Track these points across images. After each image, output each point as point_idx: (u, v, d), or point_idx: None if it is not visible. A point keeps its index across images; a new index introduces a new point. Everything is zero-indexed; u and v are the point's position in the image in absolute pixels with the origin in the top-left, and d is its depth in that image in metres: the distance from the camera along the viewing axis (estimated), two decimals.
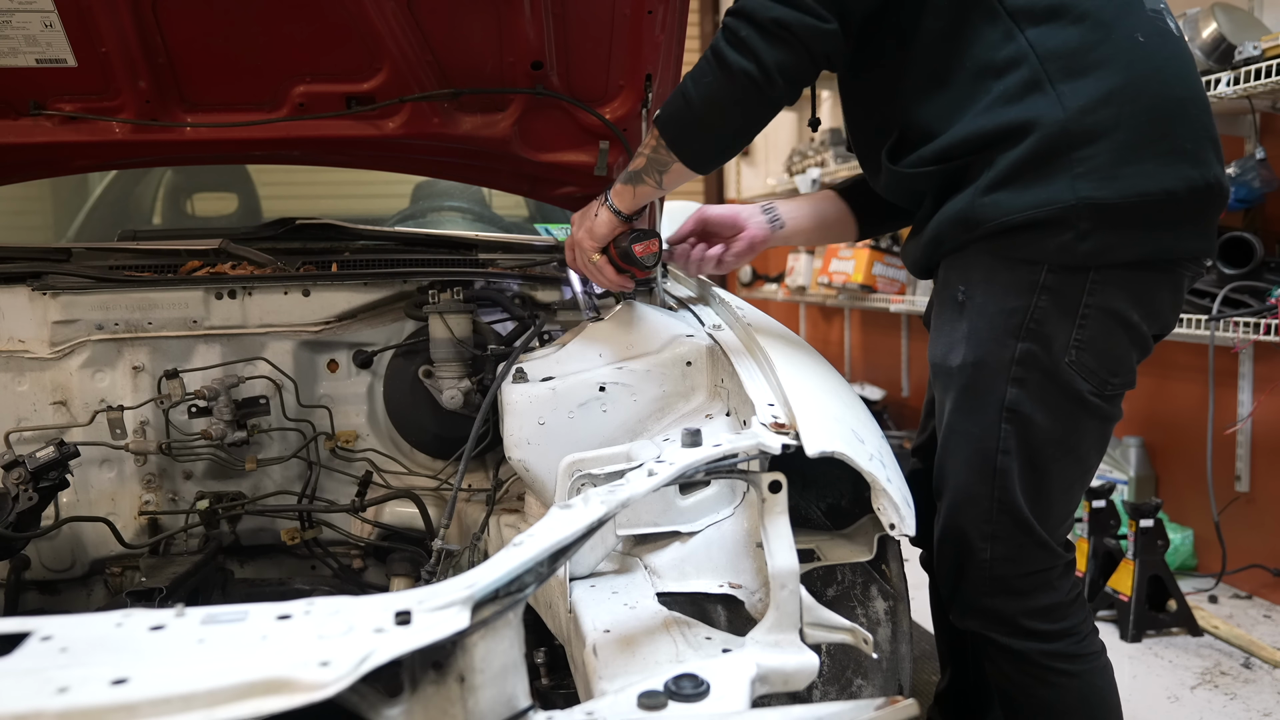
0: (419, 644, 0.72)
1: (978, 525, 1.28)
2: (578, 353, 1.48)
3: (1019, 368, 1.23)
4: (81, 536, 1.71)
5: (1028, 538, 1.28)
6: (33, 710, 0.63)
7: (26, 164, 1.86)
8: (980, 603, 1.32)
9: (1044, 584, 1.30)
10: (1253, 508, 2.87)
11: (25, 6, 1.49)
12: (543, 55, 1.61)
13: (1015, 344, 1.23)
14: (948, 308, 1.31)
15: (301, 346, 1.76)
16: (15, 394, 1.70)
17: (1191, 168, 1.20)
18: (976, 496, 1.28)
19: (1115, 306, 1.22)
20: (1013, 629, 1.31)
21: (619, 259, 1.43)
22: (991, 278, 1.25)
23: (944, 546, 1.34)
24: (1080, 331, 1.22)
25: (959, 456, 1.29)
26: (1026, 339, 1.22)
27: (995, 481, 1.26)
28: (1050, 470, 1.27)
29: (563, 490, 1.20)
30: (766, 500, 1.03)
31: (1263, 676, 2.35)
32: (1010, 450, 1.25)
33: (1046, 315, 1.22)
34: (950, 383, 1.30)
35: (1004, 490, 1.26)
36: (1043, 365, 1.23)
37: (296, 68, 1.65)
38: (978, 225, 1.24)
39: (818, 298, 4.98)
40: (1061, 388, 1.23)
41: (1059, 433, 1.25)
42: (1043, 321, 1.22)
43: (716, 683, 0.87)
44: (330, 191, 3.18)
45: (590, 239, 1.42)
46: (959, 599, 1.34)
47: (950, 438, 1.31)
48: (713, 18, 6.94)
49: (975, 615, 1.34)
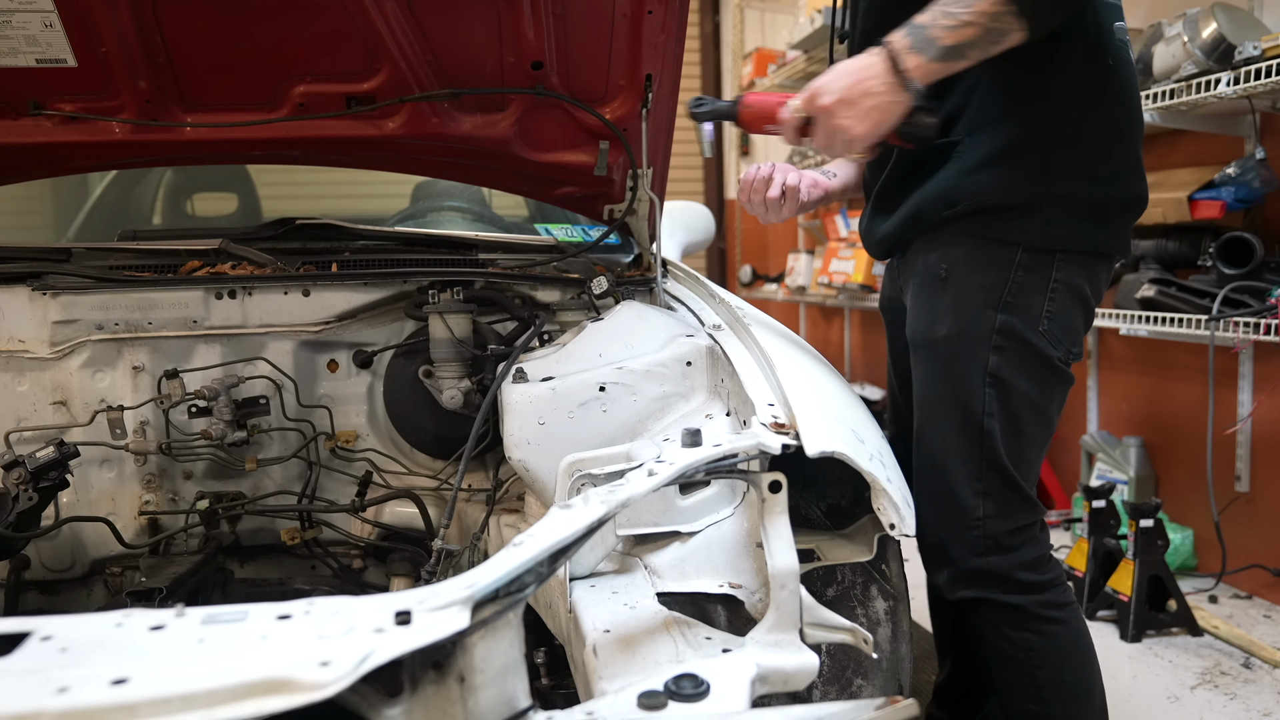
0: (419, 644, 0.72)
1: (969, 484, 1.35)
2: (578, 353, 1.48)
3: (999, 336, 1.33)
4: (81, 536, 1.71)
5: (1014, 494, 1.36)
6: (33, 710, 0.63)
7: (26, 164, 1.86)
8: (973, 564, 1.36)
9: (1031, 538, 1.38)
10: (1253, 508, 2.87)
11: (25, 6, 1.49)
12: (543, 55, 1.61)
13: (995, 315, 1.33)
14: (928, 285, 1.40)
15: (301, 346, 1.75)
16: (15, 394, 1.70)
17: (1140, 182, 1.39)
18: (967, 456, 1.35)
19: (1076, 283, 1.36)
20: (1008, 585, 1.36)
21: (897, 134, 1.29)
22: (972, 256, 1.36)
23: (933, 514, 1.37)
24: (1050, 304, 1.34)
25: (947, 421, 1.37)
26: (1005, 310, 1.33)
27: (984, 441, 1.34)
28: (1026, 432, 1.37)
29: (563, 490, 1.20)
30: (766, 500, 1.03)
31: (1263, 676, 2.35)
32: (994, 413, 1.34)
33: (1021, 289, 1.33)
34: (934, 354, 1.39)
35: (991, 450, 1.34)
36: (1019, 334, 1.33)
37: (296, 68, 1.65)
38: (958, 203, 1.35)
39: (818, 298, 4.98)
40: (1036, 355, 1.34)
41: (1034, 396, 1.36)
42: (1018, 295, 1.33)
43: (716, 683, 0.88)
44: (330, 191, 3.18)
45: (872, 126, 1.24)
46: (953, 567, 1.38)
47: (935, 405, 1.39)
48: (713, 18, 6.93)
49: (971, 579, 1.37)
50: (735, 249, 6.69)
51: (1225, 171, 2.67)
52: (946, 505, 1.37)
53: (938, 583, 1.42)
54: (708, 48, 7.02)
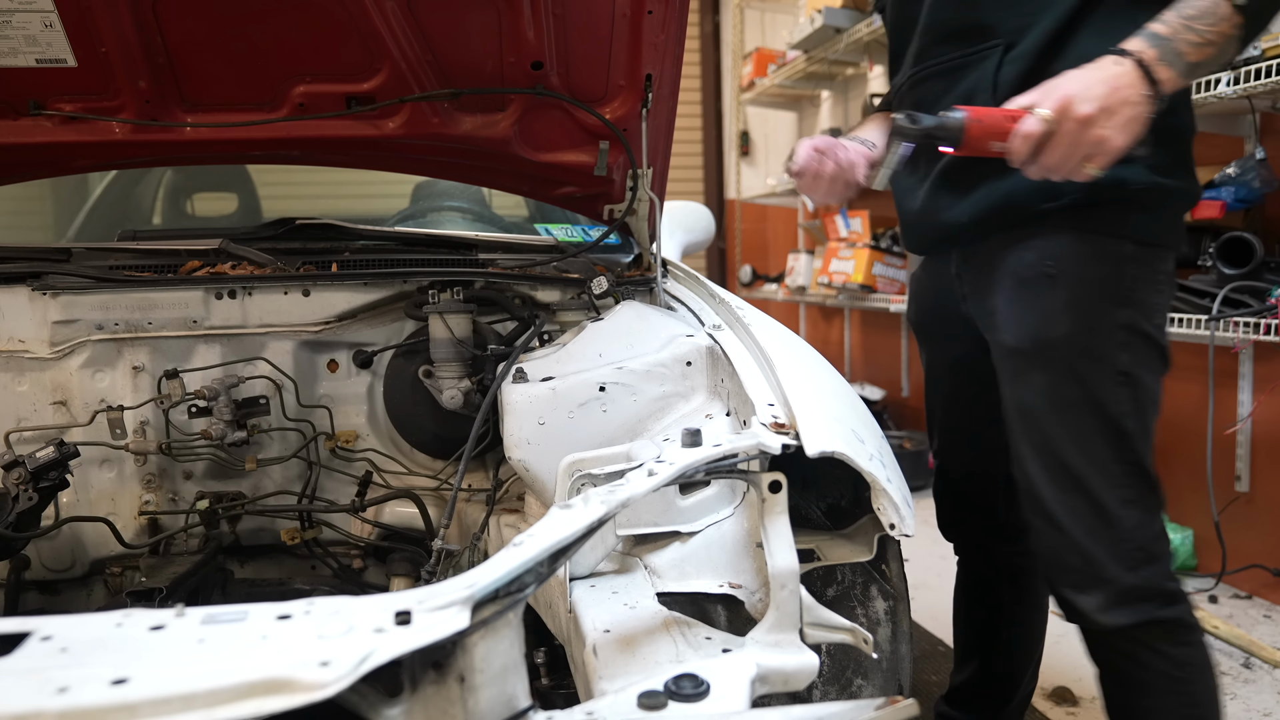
0: (419, 644, 0.72)
1: (1115, 491, 1.28)
2: (578, 353, 1.48)
3: (1125, 332, 1.28)
4: (81, 536, 1.71)
5: (1155, 495, 1.31)
6: (33, 710, 0.63)
7: (26, 164, 1.86)
8: (1129, 580, 1.27)
9: (1167, 544, 1.32)
10: (1253, 508, 2.87)
11: (25, 6, 1.49)
12: (543, 55, 1.61)
13: (1119, 310, 1.28)
14: (1030, 284, 1.32)
15: (301, 346, 1.76)
16: (15, 394, 1.70)
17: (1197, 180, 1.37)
18: (1107, 462, 1.28)
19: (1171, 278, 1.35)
20: (1164, 597, 1.28)
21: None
22: (1080, 251, 1.30)
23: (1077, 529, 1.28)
24: (1158, 297, 1.31)
25: (1080, 427, 1.29)
26: (1128, 305, 1.29)
27: (1124, 444, 1.28)
28: (1150, 428, 1.32)
29: (563, 490, 1.20)
30: (766, 500, 1.03)
31: (1263, 676, 2.34)
32: (1130, 412, 1.28)
33: (1137, 283, 1.29)
34: (1054, 356, 1.30)
35: (1133, 452, 1.29)
36: (1143, 330, 1.29)
37: (296, 68, 1.65)
38: (1063, 195, 1.28)
39: (818, 298, 4.98)
40: (1157, 349, 1.31)
41: (1157, 392, 1.32)
42: (1134, 289, 1.29)
43: (716, 683, 0.88)
44: (330, 191, 3.18)
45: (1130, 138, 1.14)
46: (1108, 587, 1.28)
47: (1062, 412, 1.30)
48: (713, 18, 6.93)
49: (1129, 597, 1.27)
50: (735, 249, 6.69)
51: (1225, 171, 2.67)
52: (1094, 518, 1.27)
53: (1084, 608, 1.30)
54: (708, 48, 7.02)
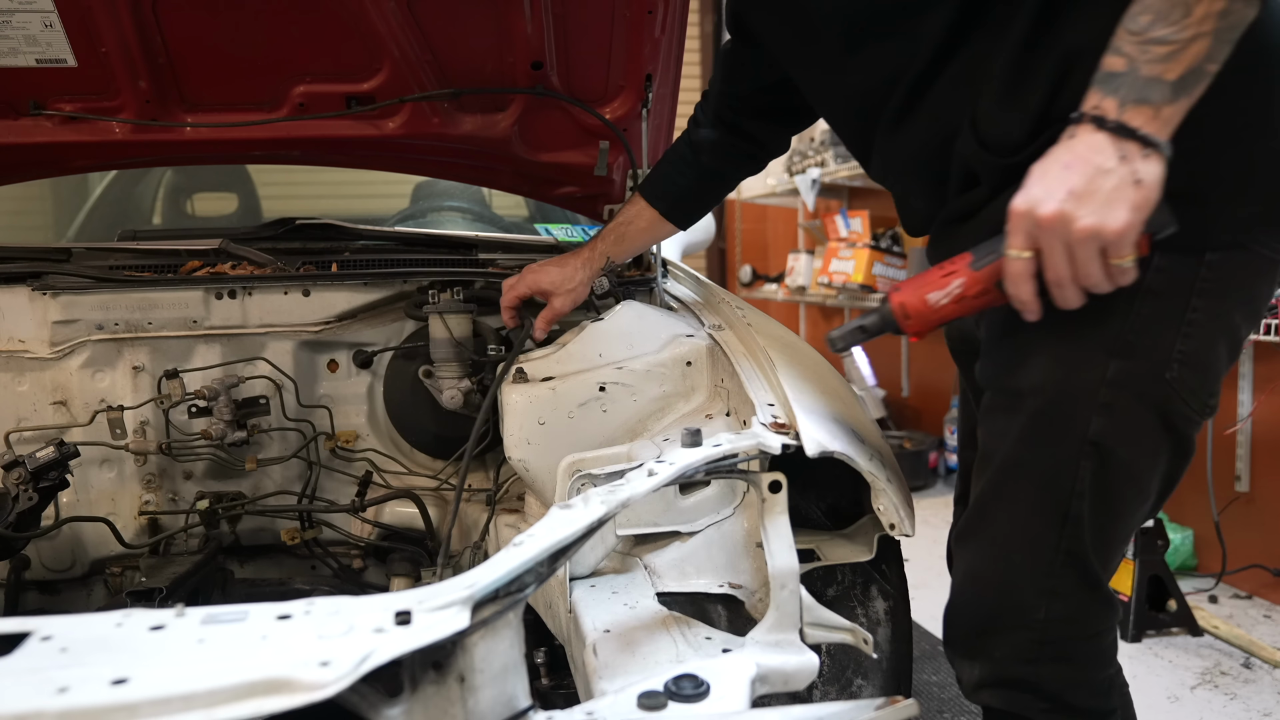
0: (419, 644, 0.72)
1: (1036, 580, 1.05)
2: (578, 353, 1.48)
3: (1110, 391, 1.01)
4: (81, 536, 1.71)
5: (1093, 594, 1.07)
6: (33, 710, 0.63)
7: (26, 164, 1.86)
8: (1014, 672, 1.07)
9: (1099, 651, 1.09)
10: (1253, 508, 2.87)
11: (25, 6, 1.49)
12: (543, 55, 1.61)
13: (1109, 361, 1.00)
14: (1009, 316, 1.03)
15: (301, 346, 1.75)
16: (15, 394, 1.70)
17: None
18: (1039, 545, 1.05)
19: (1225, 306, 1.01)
20: (1054, 705, 1.06)
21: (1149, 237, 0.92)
22: None
23: (978, 602, 1.10)
24: (1185, 341, 1.01)
25: (1021, 496, 1.06)
26: (1125, 355, 1.00)
27: (1066, 530, 1.04)
28: (1120, 513, 1.06)
29: (563, 490, 1.20)
30: (766, 500, 1.03)
31: (1263, 676, 2.34)
32: (1085, 493, 1.03)
33: (1150, 324, 1.00)
34: (1017, 406, 1.05)
35: (1075, 540, 1.04)
36: (1140, 389, 1.01)
37: (296, 68, 1.65)
38: None
39: (818, 298, 4.98)
40: (1156, 418, 1.02)
41: (1138, 469, 1.05)
42: (1143, 332, 1.00)
43: (716, 683, 0.88)
44: (330, 191, 3.18)
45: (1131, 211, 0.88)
46: (984, 665, 1.09)
47: (1010, 473, 1.07)
48: (713, 18, 6.93)
49: (1004, 686, 1.08)
50: (735, 249, 6.69)
51: None
52: (998, 598, 1.07)
53: (960, 675, 1.13)
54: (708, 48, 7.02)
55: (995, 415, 1.10)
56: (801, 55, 1.25)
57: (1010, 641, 1.06)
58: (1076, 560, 1.05)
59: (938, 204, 1.16)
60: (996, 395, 1.10)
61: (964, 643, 1.11)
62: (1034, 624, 1.06)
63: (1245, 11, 0.88)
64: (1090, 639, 1.08)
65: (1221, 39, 0.88)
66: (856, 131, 1.26)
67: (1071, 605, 1.06)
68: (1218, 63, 0.89)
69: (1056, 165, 0.91)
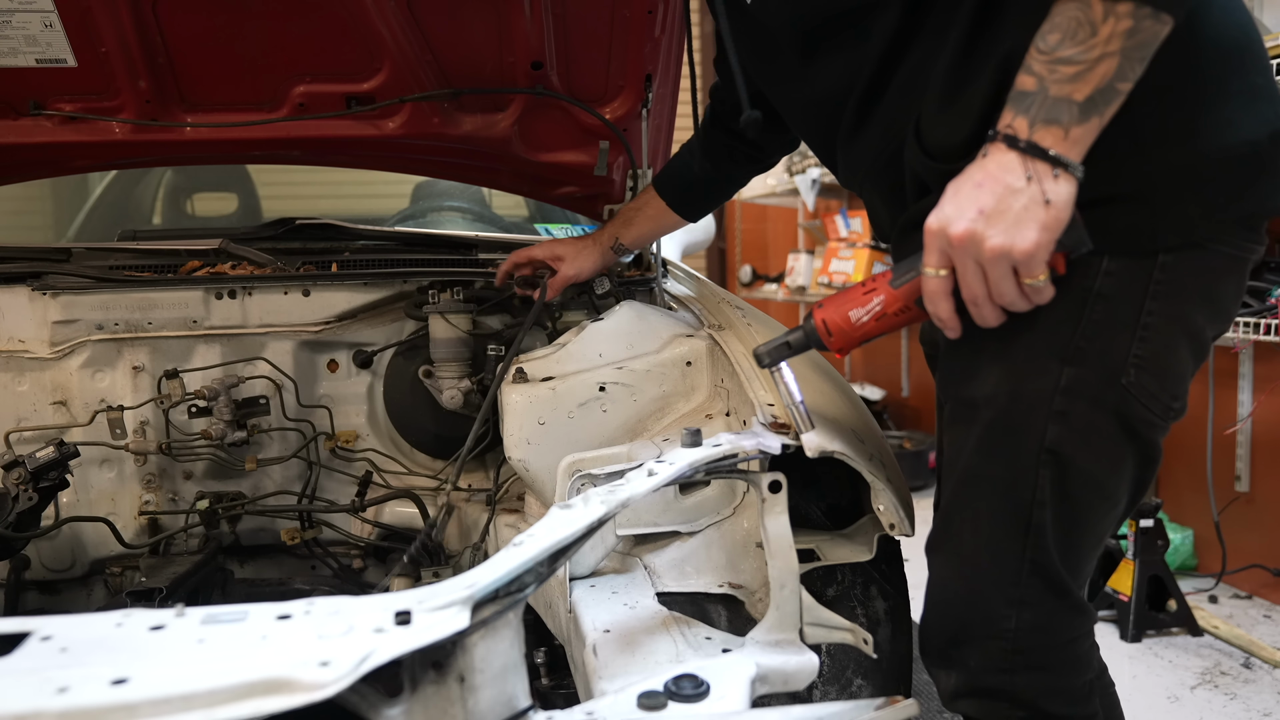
0: (419, 644, 0.72)
1: (1003, 590, 1.04)
2: (578, 353, 1.48)
3: (1064, 398, 0.99)
4: (81, 536, 1.71)
5: (1062, 601, 1.05)
6: (33, 710, 0.63)
7: (26, 164, 1.86)
8: (988, 681, 1.06)
9: (1073, 658, 1.08)
10: (1253, 508, 2.87)
11: (25, 6, 1.49)
12: (543, 55, 1.61)
13: (1062, 368, 0.99)
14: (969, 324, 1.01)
15: (301, 346, 1.75)
16: (15, 394, 1.70)
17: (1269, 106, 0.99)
18: (1003, 556, 1.04)
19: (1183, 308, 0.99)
20: (1033, 714, 1.06)
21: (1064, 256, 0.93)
22: None
23: (948, 613, 1.09)
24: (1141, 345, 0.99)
25: (981, 507, 1.05)
26: (1076, 361, 0.99)
27: (1029, 539, 1.03)
28: (1086, 520, 1.05)
29: (563, 490, 1.20)
30: (766, 500, 1.03)
31: (1263, 676, 2.34)
32: (1046, 502, 1.02)
33: (1101, 329, 0.98)
34: (972, 417, 1.04)
35: (1039, 549, 1.03)
36: (1094, 395, 0.99)
37: (296, 68, 1.65)
38: None
39: (817, 298, 4.98)
40: (1115, 422, 1.01)
41: (1100, 476, 1.03)
42: (1094, 337, 0.98)
43: (716, 683, 0.88)
44: (330, 191, 3.18)
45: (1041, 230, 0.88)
46: (959, 675, 1.08)
47: (970, 484, 1.06)
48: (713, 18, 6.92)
49: (979, 696, 1.07)
50: (735, 249, 6.69)
51: None
52: (966, 609, 1.06)
53: (938, 685, 1.12)
54: (708, 48, 7.02)
55: (955, 426, 1.09)
56: (766, 71, 1.26)
57: (983, 651, 1.06)
58: (1042, 569, 1.04)
59: (899, 210, 1.15)
60: (954, 406, 1.09)
61: (938, 653, 1.09)
62: (1005, 633, 1.05)
63: (1155, 29, 0.86)
64: (1064, 646, 1.07)
65: (1131, 57, 0.87)
66: (820, 142, 1.26)
67: (1041, 614, 1.05)
68: (1130, 81, 0.88)
69: (969, 184, 0.90)
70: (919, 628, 1.13)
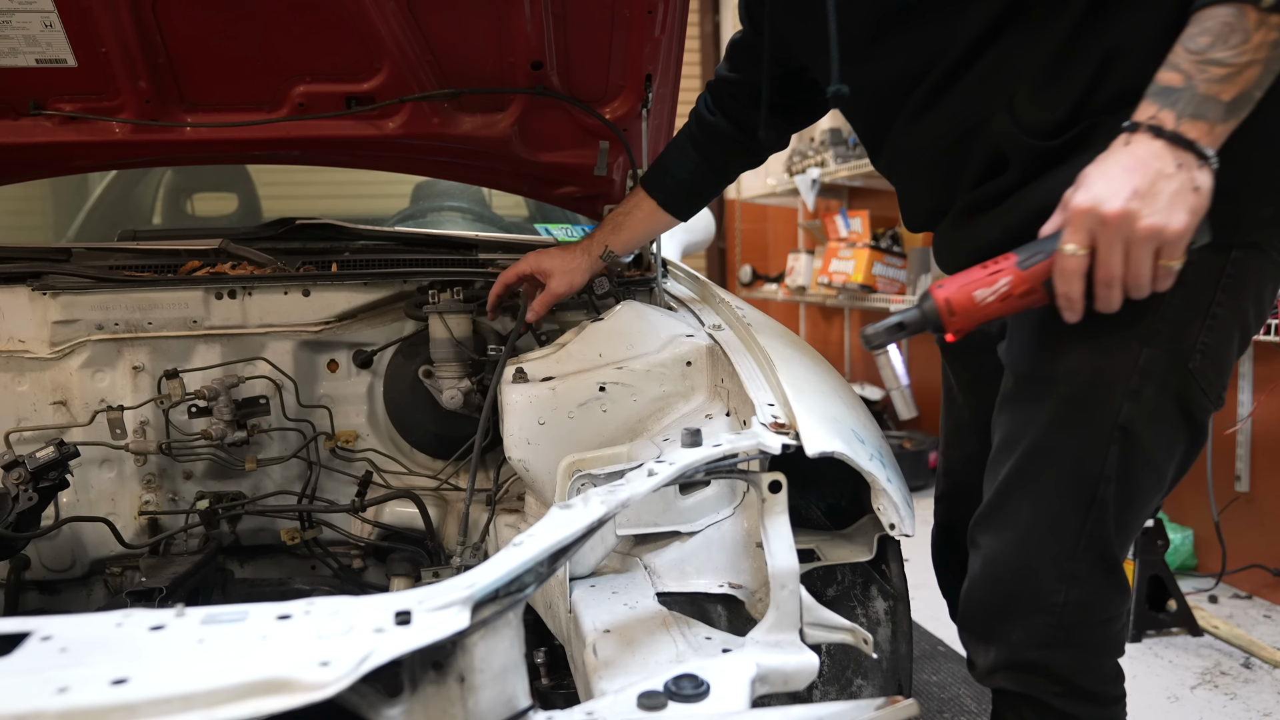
0: (419, 644, 0.72)
1: (1056, 563, 1.08)
2: (578, 353, 1.48)
3: (1140, 378, 1.03)
4: (81, 536, 1.71)
5: (1108, 580, 1.09)
6: (33, 710, 0.63)
7: (26, 164, 1.86)
8: (1029, 656, 1.10)
9: (1110, 636, 1.12)
10: (1253, 508, 2.87)
11: (25, 6, 1.49)
12: (543, 55, 1.61)
13: (1140, 349, 1.03)
14: None
15: (301, 346, 1.76)
16: (15, 394, 1.70)
17: None
18: (1063, 530, 1.07)
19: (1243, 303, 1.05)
20: (1067, 689, 1.10)
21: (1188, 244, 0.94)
22: None
23: (996, 587, 1.11)
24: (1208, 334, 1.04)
25: (1048, 480, 1.08)
26: (1154, 343, 1.03)
27: (1091, 514, 1.06)
28: (1138, 501, 1.09)
29: (563, 490, 1.20)
30: (766, 500, 1.03)
31: (1263, 676, 2.34)
32: (1111, 478, 1.05)
33: (1178, 315, 1.03)
34: (1046, 392, 1.07)
35: (1099, 524, 1.07)
36: (1164, 378, 1.04)
37: (296, 68, 1.65)
38: None
39: (818, 298, 4.98)
40: (1178, 409, 1.06)
41: (1159, 456, 1.07)
42: (1170, 321, 1.03)
43: (716, 683, 0.88)
44: (330, 191, 3.18)
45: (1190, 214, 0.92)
46: (999, 649, 1.11)
47: (1037, 457, 1.08)
48: (712, 18, 6.93)
49: (1018, 670, 1.11)
50: (735, 249, 6.70)
51: None
52: (1017, 582, 1.10)
53: (974, 659, 1.16)
54: (708, 48, 7.02)
55: (1021, 402, 1.11)
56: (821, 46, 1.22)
57: (1027, 626, 1.09)
58: (1097, 545, 1.07)
59: (945, 198, 1.19)
60: (1024, 382, 1.12)
61: (981, 627, 1.13)
62: (1052, 608, 1.08)
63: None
64: (1104, 624, 1.10)
65: (1270, 68, 0.92)
66: (872, 122, 1.28)
67: (1089, 590, 1.08)
68: (1264, 88, 0.93)
69: (1117, 167, 0.93)
70: (962, 600, 1.16)
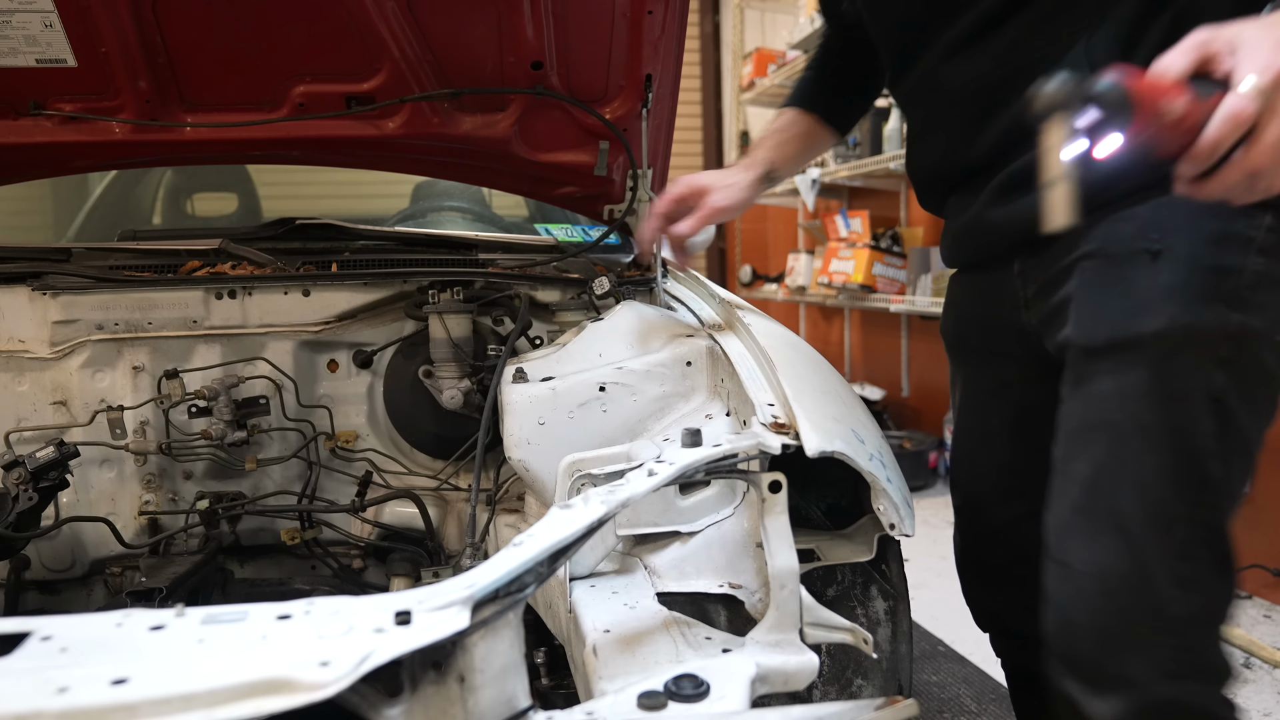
0: (419, 644, 0.72)
1: (1170, 565, 0.91)
2: (578, 353, 1.48)
3: (1230, 346, 0.93)
4: (81, 536, 1.71)
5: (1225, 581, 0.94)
6: (33, 710, 0.63)
7: (26, 164, 1.86)
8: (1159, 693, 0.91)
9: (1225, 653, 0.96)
10: (1253, 508, 2.87)
11: (25, 6, 1.49)
12: (543, 55, 1.61)
13: (1229, 313, 0.93)
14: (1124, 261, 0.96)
15: (301, 346, 1.76)
16: (15, 394, 1.70)
17: None
18: (1172, 520, 0.92)
19: None
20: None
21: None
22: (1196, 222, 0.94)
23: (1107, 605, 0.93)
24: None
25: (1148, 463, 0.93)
26: (1243, 308, 0.93)
27: (1203, 497, 0.92)
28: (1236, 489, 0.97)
29: (563, 490, 1.20)
30: (766, 500, 1.03)
31: (1263, 676, 2.34)
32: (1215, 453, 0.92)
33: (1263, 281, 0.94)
34: (1134, 357, 0.94)
35: (1213, 510, 0.92)
36: (1254, 348, 0.94)
37: (296, 68, 1.65)
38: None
39: (818, 298, 4.98)
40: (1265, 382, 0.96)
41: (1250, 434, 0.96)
42: (1256, 287, 0.94)
43: (716, 683, 0.88)
44: (330, 191, 3.18)
45: None
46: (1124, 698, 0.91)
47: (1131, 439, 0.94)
48: (712, 18, 6.93)
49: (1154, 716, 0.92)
50: (735, 249, 6.70)
51: None
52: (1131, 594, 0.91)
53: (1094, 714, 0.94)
54: (708, 48, 7.02)
55: (1100, 378, 0.98)
56: None
57: (1151, 655, 0.92)
58: (1211, 537, 0.93)
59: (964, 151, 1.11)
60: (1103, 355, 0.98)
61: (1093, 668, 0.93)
62: (1174, 625, 0.91)
63: None
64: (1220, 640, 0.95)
65: None
66: (903, 45, 1.20)
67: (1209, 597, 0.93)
68: None
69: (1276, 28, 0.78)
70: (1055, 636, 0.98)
